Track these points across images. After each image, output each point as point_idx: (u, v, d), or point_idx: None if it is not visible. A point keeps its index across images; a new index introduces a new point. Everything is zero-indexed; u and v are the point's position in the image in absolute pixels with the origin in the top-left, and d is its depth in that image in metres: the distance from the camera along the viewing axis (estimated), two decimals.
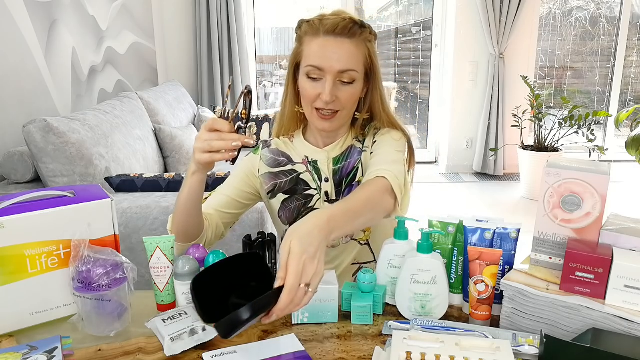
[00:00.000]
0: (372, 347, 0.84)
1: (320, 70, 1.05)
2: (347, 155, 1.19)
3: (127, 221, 1.81)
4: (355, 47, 1.06)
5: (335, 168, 1.18)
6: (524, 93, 4.01)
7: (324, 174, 1.19)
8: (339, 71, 1.05)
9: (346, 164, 1.18)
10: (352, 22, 1.06)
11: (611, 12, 4.56)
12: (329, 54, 1.05)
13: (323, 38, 1.05)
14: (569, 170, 0.85)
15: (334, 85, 1.06)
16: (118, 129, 2.33)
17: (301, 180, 1.20)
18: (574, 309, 0.79)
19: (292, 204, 1.21)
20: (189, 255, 0.99)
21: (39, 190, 0.95)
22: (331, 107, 1.07)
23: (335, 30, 1.04)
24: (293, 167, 1.21)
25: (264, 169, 1.22)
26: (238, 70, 4.09)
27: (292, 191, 1.21)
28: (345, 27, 1.05)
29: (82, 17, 2.72)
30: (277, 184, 1.21)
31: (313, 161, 1.19)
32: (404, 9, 4.84)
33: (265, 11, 4.49)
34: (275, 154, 1.22)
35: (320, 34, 1.06)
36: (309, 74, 1.07)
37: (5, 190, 1.90)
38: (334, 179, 1.19)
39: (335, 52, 1.05)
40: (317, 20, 1.07)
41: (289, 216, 1.21)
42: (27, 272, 0.90)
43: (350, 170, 1.18)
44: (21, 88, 2.18)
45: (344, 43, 1.05)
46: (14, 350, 0.81)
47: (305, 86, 1.08)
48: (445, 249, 0.96)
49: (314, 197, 1.20)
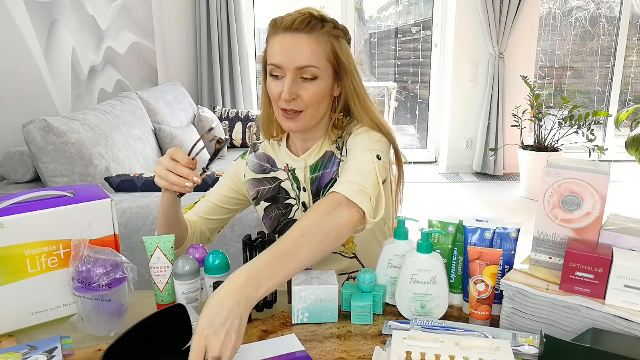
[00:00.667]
0: (372, 347, 0.84)
1: (279, 68, 1.02)
2: (324, 164, 1.13)
3: (127, 221, 1.81)
4: (315, 43, 1.02)
5: (313, 177, 1.13)
6: (524, 93, 4.01)
7: (302, 183, 1.15)
8: (297, 68, 1.01)
9: (325, 173, 1.12)
10: (311, 16, 1.02)
11: (611, 12, 4.56)
12: (286, 51, 1.01)
13: (282, 35, 1.02)
14: (569, 170, 0.85)
15: (294, 83, 1.02)
16: (118, 129, 2.33)
17: (282, 189, 1.17)
18: (574, 309, 0.79)
19: (273, 212, 1.19)
20: (189, 255, 0.99)
21: (39, 190, 0.95)
22: (293, 106, 1.03)
23: (292, 26, 1.01)
24: (276, 175, 1.18)
25: (249, 175, 1.20)
26: (238, 70, 4.09)
27: (274, 200, 1.18)
28: (302, 22, 1.01)
29: (82, 17, 2.72)
30: (260, 191, 1.19)
31: (292, 169, 1.16)
32: (404, 9, 4.84)
33: (265, 11, 4.49)
34: (261, 159, 1.20)
35: (279, 32, 1.03)
36: (271, 72, 1.05)
37: (5, 190, 1.90)
38: (312, 189, 1.13)
39: (292, 49, 1.01)
40: (279, 19, 1.04)
41: (271, 225, 1.20)
42: (27, 272, 0.90)
43: (328, 182, 1.12)
44: (21, 88, 2.18)
45: (301, 39, 1.01)
46: (14, 350, 0.81)
47: (270, 86, 1.06)
48: (445, 249, 0.96)
49: (293, 207, 1.17)
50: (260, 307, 0.97)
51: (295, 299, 0.91)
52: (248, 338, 0.88)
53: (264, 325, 0.92)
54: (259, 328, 0.91)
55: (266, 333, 0.89)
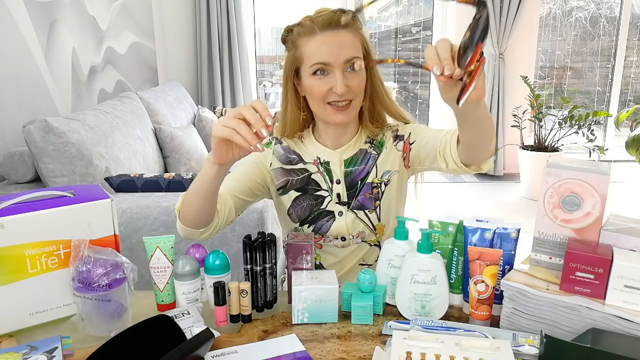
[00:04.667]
0: (372, 347, 0.84)
1: (326, 65, 1.06)
2: (359, 160, 1.19)
3: (127, 221, 1.81)
4: (353, 36, 1.09)
5: (347, 170, 1.19)
6: (524, 93, 4.01)
7: (335, 176, 1.19)
8: (345, 61, 1.06)
9: (359, 168, 1.19)
10: (343, 12, 1.08)
11: (611, 12, 4.56)
12: (331, 48, 1.06)
13: (321, 34, 1.07)
14: (569, 170, 0.85)
15: (343, 76, 1.07)
16: (118, 129, 2.33)
17: (312, 180, 1.20)
18: (574, 309, 0.79)
19: (305, 202, 1.20)
20: (189, 255, 0.99)
21: (39, 190, 0.95)
22: (345, 97, 1.08)
23: (331, 23, 1.07)
24: (304, 167, 1.20)
25: (276, 164, 1.21)
26: (238, 70, 4.08)
27: (304, 190, 1.21)
28: (339, 18, 1.07)
29: (82, 17, 2.72)
30: (289, 180, 1.20)
31: (325, 162, 1.19)
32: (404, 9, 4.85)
33: (265, 11, 4.49)
34: (286, 151, 1.22)
35: (316, 31, 1.07)
36: (315, 72, 1.08)
37: (5, 190, 1.90)
38: (346, 181, 1.19)
39: (336, 45, 1.06)
40: (306, 20, 1.09)
41: (301, 214, 1.21)
42: (27, 272, 0.90)
43: (364, 176, 1.19)
44: (21, 88, 2.18)
45: (342, 34, 1.07)
46: (14, 350, 0.81)
47: (313, 84, 1.09)
48: (445, 249, 0.96)
49: (325, 199, 1.20)
50: (260, 307, 0.97)
51: (295, 299, 0.91)
52: (248, 338, 0.88)
53: (264, 325, 0.92)
54: (259, 328, 0.91)
55: (266, 333, 0.89)
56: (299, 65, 1.10)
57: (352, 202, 1.19)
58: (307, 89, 1.11)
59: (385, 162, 1.19)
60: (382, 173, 1.19)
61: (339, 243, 1.21)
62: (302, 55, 1.09)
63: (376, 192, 1.19)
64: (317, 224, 1.20)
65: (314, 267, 1.22)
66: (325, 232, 1.20)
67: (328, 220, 1.19)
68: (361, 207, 1.19)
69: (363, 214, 1.19)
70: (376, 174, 1.19)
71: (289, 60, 1.12)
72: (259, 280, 0.95)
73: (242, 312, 0.93)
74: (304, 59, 1.09)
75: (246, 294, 0.92)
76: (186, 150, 2.88)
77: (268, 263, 0.96)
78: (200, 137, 3.18)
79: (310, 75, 1.08)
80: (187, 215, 1.02)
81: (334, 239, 1.20)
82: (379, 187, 1.19)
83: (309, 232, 1.20)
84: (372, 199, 1.19)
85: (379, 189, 1.19)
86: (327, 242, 1.21)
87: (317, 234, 1.21)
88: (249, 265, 0.95)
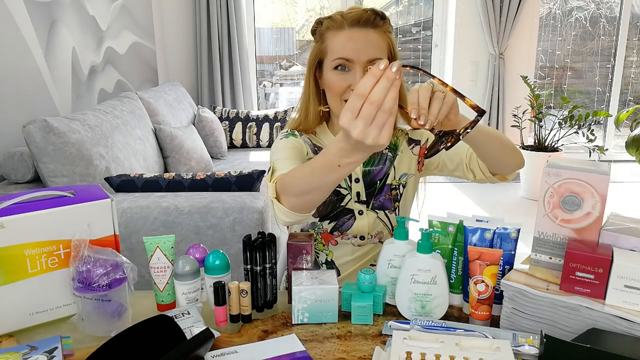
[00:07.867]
0: (372, 347, 0.84)
1: (348, 61, 1.06)
2: (376, 160, 1.19)
3: (127, 221, 1.81)
4: (380, 37, 1.08)
5: (365, 170, 1.19)
6: (524, 93, 4.01)
7: (354, 174, 1.19)
8: (368, 60, 1.06)
9: (377, 168, 1.19)
10: (375, 13, 1.08)
11: (611, 12, 4.56)
12: (356, 45, 1.06)
13: (348, 30, 1.07)
14: (569, 170, 0.85)
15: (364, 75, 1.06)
16: (118, 129, 2.33)
17: None
18: (574, 309, 0.79)
19: (328, 198, 1.18)
20: (189, 255, 0.99)
21: (39, 190, 0.95)
22: None
23: (360, 21, 1.06)
24: None
25: (310, 154, 1.20)
26: (238, 70, 4.08)
27: None
28: (369, 18, 1.07)
29: (82, 17, 2.72)
30: None
31: None
32: (404, 9, 4.84)
33: (265, 11, 4.49)
34: (311, 143, 1.21)
35: (345, 27, 1.07)
36: (337, 66, 1.08)
37: (5, 190, 1.90)
38: (365, 180, 1.19)
39: (362, 42, 1.06)
40: (338, 15, 1.09)
41: (322, 209, 1.20)
42: (27, 272, 0.90)
43: (382, 177, 1.19)
44: (21, 88, 2.18)
45: (369, 33, 1.07)
46: (14, 350, 0.81)
47: (333, 79, 1.09)
48: (445, 249, 0.96)
49: (345, 197, 1.19)
50: (260, 307, 0.97)
51: (295, 299, 0.91)
52: (248, 338, 0.88)
53: (264, 325, 0.92)
54: (259, 328, 0.91)
55: (266, 333, 0.89)
56: (323, 57, 1.10)
57: (371, 202, 1.19)
58: (327, 83, 1.11)
59: (402, 165, 1.20)
60: (400, 175, 1.20)
61: (357, 242, 1.21)
62: (327, 48, 1.09)
63: (395, 193, 1.20)
64: (339, 222, 1.20)
65: (325, 263, 1.23)
66: (347, 230, 1.20)
67: (349, 218, 1.19)
68: (382, 207, 1.20)
69: (383, 214, 1.20)
70: (394, 176, 1.19)
71: (314, 52, 1.12)
72: (259, 280, 0.95)
73: (242, 312, 0.93)
74: (328, 52, 1.09)
75: (246, 294, 0.92)
76: (186, 150, 2.88)
77: (268, 263, 0.96)
78: (200, 137, 3.18)
79: (331, 69, 1.08)
80: (306, 206, 0.93)
81: (353, 237, 1.20)
82: (397, 189, 1.20)
83: (329, 228, 1.20)
84: (392, 200, 1.20)
85: (398, 191, 1.20)
86: (344, 239, 1.21)
87: (337, 231, 1.21)
88: (249, 265, 0.95)
